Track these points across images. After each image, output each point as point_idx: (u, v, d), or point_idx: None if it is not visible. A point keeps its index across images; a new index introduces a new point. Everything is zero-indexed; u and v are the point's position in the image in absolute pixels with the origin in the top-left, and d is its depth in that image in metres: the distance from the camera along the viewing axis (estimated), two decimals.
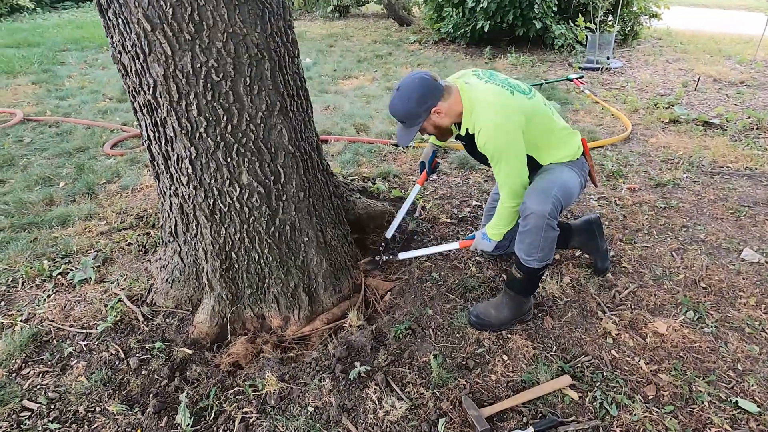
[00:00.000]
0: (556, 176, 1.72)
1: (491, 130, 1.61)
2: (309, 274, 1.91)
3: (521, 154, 1.68)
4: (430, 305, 2.00)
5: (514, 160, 1.67)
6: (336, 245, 2.04)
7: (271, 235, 1.77)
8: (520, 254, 1.73)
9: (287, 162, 1.71)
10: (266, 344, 1.87)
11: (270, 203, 1.72)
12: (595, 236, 2.16)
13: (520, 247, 1.72)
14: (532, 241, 1.67)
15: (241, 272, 1.83)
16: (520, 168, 1.70)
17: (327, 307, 2.00)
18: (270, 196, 1.71)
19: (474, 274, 2.20)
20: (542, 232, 1.65)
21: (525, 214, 1.67)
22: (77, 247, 2.42)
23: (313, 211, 1.87)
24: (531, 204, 1.65)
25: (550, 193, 1.65)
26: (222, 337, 1.88)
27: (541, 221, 1.63)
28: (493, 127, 1.61)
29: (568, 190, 1.71)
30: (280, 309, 1.91)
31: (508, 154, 1.65)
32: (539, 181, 1.73)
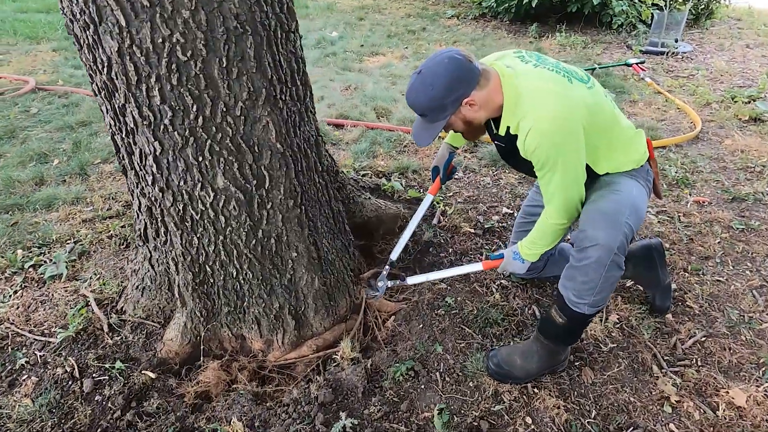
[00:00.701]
0: (624, 195, 1.38)
1: (545, 132, 1.29)
2: (297, 295, 1.67)
3: (581, 161, 1.35)
4: (440, 340, 1.73)
5: (572, 170, 1.35)
6: (333, 259, 1.79)
7: (252, 249, 1.53)
8: (568, 294, 1.42)
9: (274, 163, 1.45)
10: (243, 371, 1.66)
11: (251, 212, 1.47)
12: (654, 266, 1.81)
13: (570, 285, 1.41)
14: (589, 281, 1.36)
15: (217, 288, 1.60)
16: (578, 179, 1.38)
17: (317, 332, 1.76)
18: (251, 203, 1.46)
19: (497, 302, 1.90)
20: (604, 271, 1.33)
21: (584, 245, 1.34)
22: (57, 235, 2.27)
23: (306, 222, 1.61)
24: (596, 233, 1.31)
25: (620, 219, 1.30)
26: (194, 357, 1.68)
27: (607, 257, 1.31)
28: (547, 127, 1.28)
29: (638, 213, 1.38)
30: (261, 331, 1.69)
31: (566, 161, 1.32)
32: (602, 200, 1.38)
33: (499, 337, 1.75)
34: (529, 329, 1.79)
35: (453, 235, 2.33)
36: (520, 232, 1.91)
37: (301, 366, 1.72)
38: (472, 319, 1.82)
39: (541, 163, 1.35)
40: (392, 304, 1.95)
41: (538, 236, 1.51)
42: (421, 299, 1.91)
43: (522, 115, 1.33)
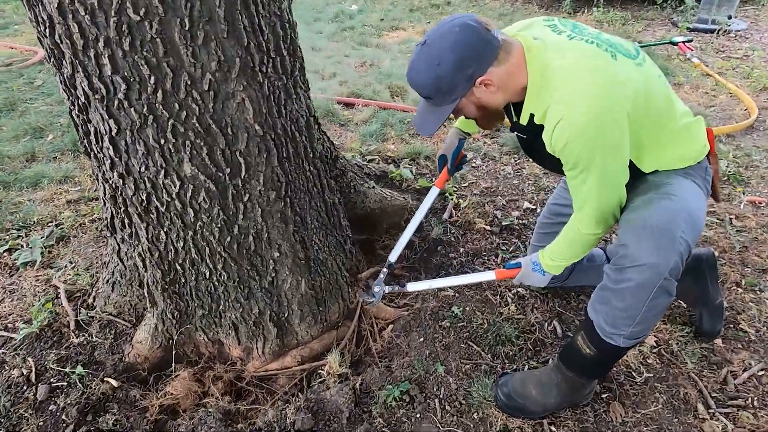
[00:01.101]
0: (678, 201, 1.10)
1: (578, 125, 1.03)
2: (279, 300, 1.47)
3: (623, 161, 1.10)
4: (442, 358, 1.51)
5: (612, 172, 1.10)
6: (325, 258, 1.58)
7: (227, 247, 1.33)
8: (599, 321, 1.18)
9: (252, 148, 1.24)
10: (217, 381, 1.48)
11: (224, 205, 1.27)
12: (704, 280, 1.54)
13: (602, 310, 1.17)
14: (627, 308, 1.11)
15: (190, 288, 1.42)
16: (619, 182, 1.13)
17: (303, 341, 1.57)
18: (224, 195, 1.26)
19: (512, 315, 1.67)
20: (649, 298, 1.08)
21: (624, 264, 1.09)
22: (39, 216, 2.13)
23: (291, 217, 1.40)
24: (641, 251, 1.06)
25: (674, 234, 1.04)
26: (167, 362, 1.52)
27: (654, 281, 1.06)
28: (582, 119, 1.02)
29: (696, 225, 1.10)
30: (239, 338, 1.51)
31: (604, 163, 1.07)
32: (650, 208, 1.11)
33: (513, 359, 1.52)
34: (548, 350, 1.56)
35: (465, 233, 2.09)
36: (543, 234, 1.67)
37: (284, 379, 1.54)
38: (481, 335, 1.59)
39: (571, 163, 1.09)
40: (391, 311, 1.74)
41: (565, 246, 1.27)
42: (425, 307, 1.70)
43: (550, 100, 1.07)
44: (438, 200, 2.26)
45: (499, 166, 2.68)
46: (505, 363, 1.51)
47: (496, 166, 2.68)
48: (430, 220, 2.12)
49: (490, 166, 2.69)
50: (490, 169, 2.65)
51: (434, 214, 2.18)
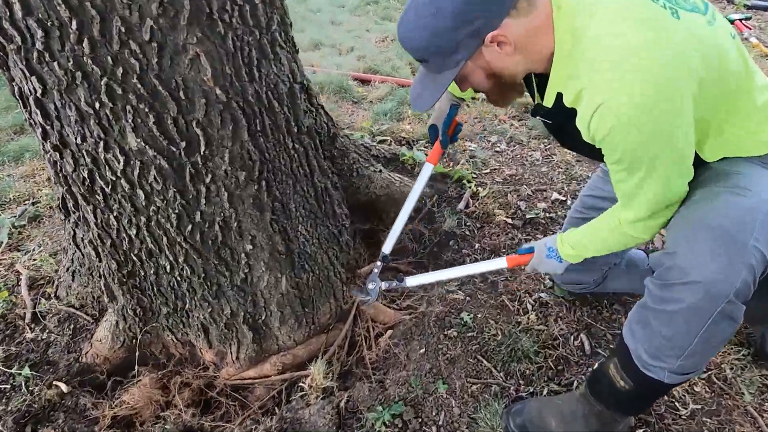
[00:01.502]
0: (754, 198, 0.82)
1: (627, 114, 0.76)
2: (255, 300, 1.26)
3: (685, 152, 0.82)
4: (445, 375, 1.27)
5: (670, 167, 0.83)
6: (313, 252, 1.36)
7: (188, 237, 1.11)
8: (637, 349, 0.91)
9: (213, 118, 1.00)
10: (184, 390, 1.29)
11: (182, 187, 1.05)
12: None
13: (642, 336, 0.90)
14: (675, 336, 0.85)
15: (150, 283, 1.22)
16: (680, 174, 0.85)
17: (286, 346, 1.36)
18: (181, 174, 1.04)
19: (532, 325, 1.41)
20: (705, 325, 0.81)
21: (673, 280, 0.82)
22: (15, 193, 1.98)
23: (267, 203, 1.17)
24: (696, 264, 0.80)
25: (746, 241, 0.78)
26: (130, 364, 1.33)
27: (713, 303, 0.79)
28: (632, 106, 0.75)
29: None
30: (210, 341, 1.30)
31: (660, 159, 0.80)
32: (713, 205, 0.84)
33: (529, 380, 1.27)
34: (573, 370, 1.30)
35: (483, 226, 1.82)
36: (575, 223, 1.39)
37: (261, 389, 1.33)
38: (493, 348, 1.34)
39: (616, 157, 0.82)
40: (391, 313, 1.50)
41: (595, 238, 1.02)
42: (430, 311, 1.45)
43: (585, 78, 0.79)
44: (454, 188, 1.99)
45: (526, 152, 2.38)
46: (520, 384, 1.26)
47: (522, 152, 2.38)
48: (443, 210, 1.85)
49: (516, 151, 2.39)
50: (515, 155, 2.36)
51: (448, 203, 1.91)
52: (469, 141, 2.43)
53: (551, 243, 1.13)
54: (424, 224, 1.85)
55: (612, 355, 1.01)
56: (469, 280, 1.56)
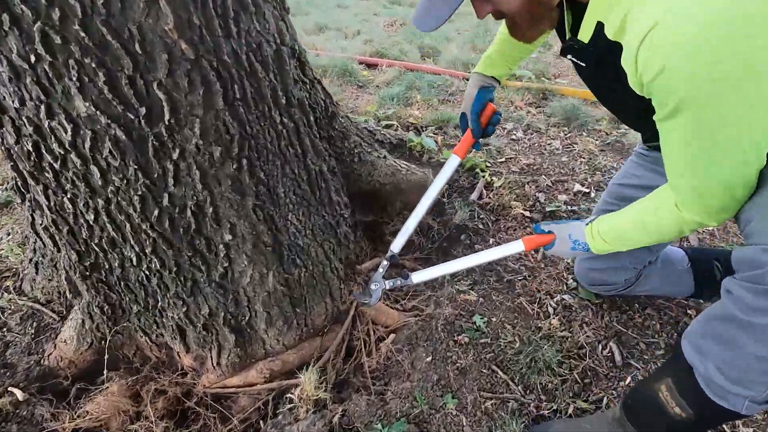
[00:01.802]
0: None
1: (688, 38, 0.56)
2: (237, 298, 1.08)
3: (758, 117, 0.61)
4: (455, 388, 1.09)
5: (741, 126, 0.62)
6: (307, 244, 1.18)
7: (155, 225, 0.94)
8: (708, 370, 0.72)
9: (179, 79, 0.82)
10: (158, 399, 1.12)
11: (145, 163, 0.87)
12: None
13: (718, 354, 0.71)
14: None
15: (117, 277, 1.05)
16: (750, 148, 0.65)
17: (274, 350, 1.18)
18: (143, 147, 0.86)
19: (554, 331, 1.22)
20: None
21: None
22: None
23: (250, 186, 0.99)
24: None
25: None
26: (100, 368, 1.17)
27: None
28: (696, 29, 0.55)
29: None
30: (187, 344, 1.13)
31: (728, 107, 0.60)
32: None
33: (552, 394, 1.08)
34: (601, 384, 1.11)
35: (498, 219, 1.63)
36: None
37: (245, 399, 1.15)
38: (511, 357, 1.15)
39: (671, 104, 0.62)
40: (395, 315, 1.32)
41: (638, 226, 0.84)
42: (438, 313, 1.27)
43: (639, 12, 0.60)
44: (466, 177, 1.80)
45: (545, 140, 2.18)
46: (541, 400, 1.07)
47: (541, 140, 2.18)
48: (454, 201, 1.66)
49: (534, 139, 2.19)
50: (533, 143, 2.15)
51: (460, 193, 1.72)
52: None
53: (577, 234, 0.94)
54: (432, 216, 1.67)
55: (663, 374, 0.81)
56: (483, 279, 1.38)
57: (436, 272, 1.11)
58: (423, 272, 1.11)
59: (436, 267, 1.11)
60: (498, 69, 1.13)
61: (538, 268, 1.44)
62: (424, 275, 1.10)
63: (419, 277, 1.11)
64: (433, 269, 1.10)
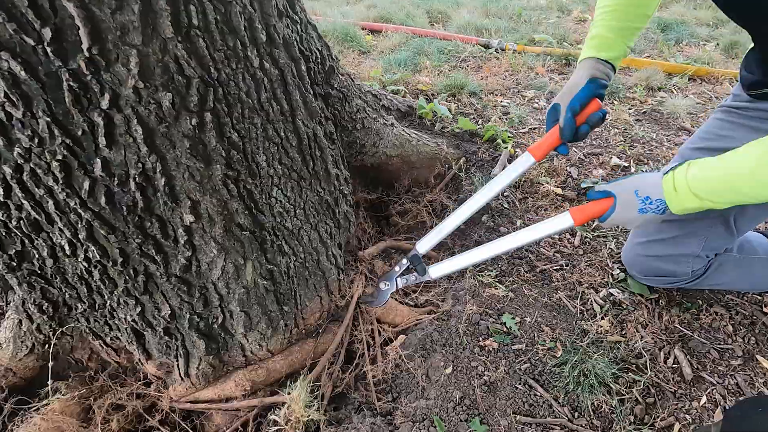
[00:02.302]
0: None
1: None
2: (206, 295, 0.83)
3: None
4: (483, 409, 0.84)
5: None
6: (298, 226, 0.92)
7: (87, 201, 0.68)
8: None
9: None
10: (114, 416, 0.88)
11: (61, 114, 0.61)
12: None
13: None
14: None
15: (51, 270, 0.79)
16: None
17: (256, 357, 0.94)
18: (54, 91, 0.59)
19: (604, 335, 0.97)
20: None
21: None
22: None
23: (216, 149, 0.73)
24: None
25: None
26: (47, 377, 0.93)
27: None
28: None
29: None
30: (148, 350, 0.89)
31: None
32: None
33: (608, 419, 0.83)
34: (670, 405, 0.86)
35: (525, 197, 1.37)
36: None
37: (221, 417, 0.92)
38: (552, 369, 0.90)
39: None
40: (405, 311, 1.07)
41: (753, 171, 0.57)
42: (458, 311, 1.02)
43: None
44: (486, 148, 1.53)
45: None
46: (594, 427, 0.83)
47: None
48: (473, 176, 1.40)
49: None
50: None
51: (479, 167, 1.45)
52: (500, 95, 1.95)
53: (648, 189, 0.72)
54: (447, 194, 1.40)
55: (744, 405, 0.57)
56: (511, 269, 1.12)
57: (460, 263, 0.86)
58: (443, 264, 0.85)
59: (460, 256, 0.86)
60: (615, 49, 0.87)
61: (576, 255, 1.19)
62: (444, 268, 0.85)
63: (439, 271, 0.86)
64: (455, 260, 0.85)
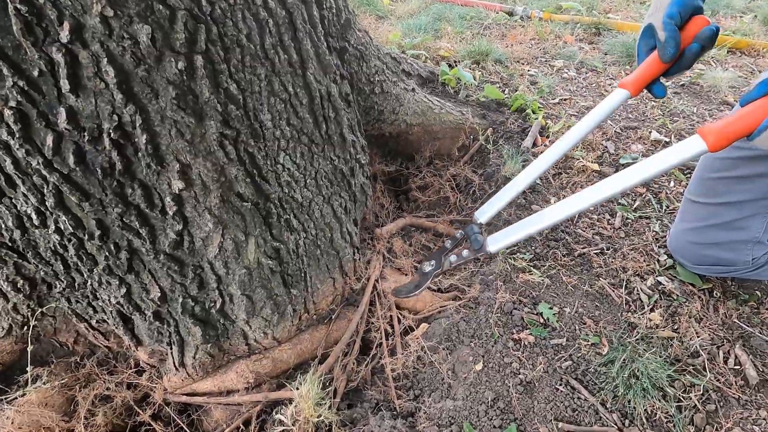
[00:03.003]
0: None
1: None
2: (202, 276, 0.70)
3: None
4: (520, 413, 0.71)
5: None
6: (309, 198, 0.78)
7: (52, 161, 0.54)
8: None
9: None
10: (100, 408, 0.77)
11: (11, 50, 0.46)
12: None
13: None
14: None
15: (18, 243, 0.66)
16: None
17: (260, 346, 0.81)
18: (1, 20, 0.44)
19: (655, 330, 0.83)
20: None
21: None
22: None
23: (211, 103, 0.58)
24: None
25: None
26: (27, 362, 0.81)
27: None
28: None
29: None
30: (137, 336, 0.77)
31: None
32: None
33: (665, 428, 0.70)
34: (734, 414, 0.72)
35: (560, 172, 1.21)
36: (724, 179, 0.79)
37: (220, 412, 0.80)
38: (597, 368, 0.77)
39: None
40: (427, 297, 0.94)
41: None
42: (488, 298, 0.88)
43: None
44: (515, 119, 1.36)
45: (603, 80, 1.71)
46: None
47: (598, 80, 1.71)
48: (501, 148, 1.23)
49: (590, 78, 1.72)
50: (589, 83, 1.69)
51: (508, 139, 1.29)
52: (527, 64, 1.76)
53: None
54: (472, 168, 1.25)
55: None
56: (546, 252, 0.97)
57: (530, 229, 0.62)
58: (508, 232, 0.65)
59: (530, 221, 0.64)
60: None
61: (618, 237, 1.03)
62: (508, 236, 0.64)
63: (500, 241, 0.65)
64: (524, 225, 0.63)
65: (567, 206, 0.61)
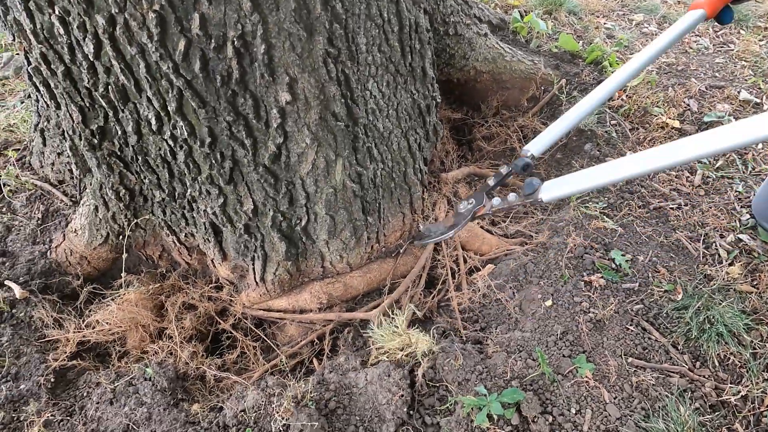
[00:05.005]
0: None
1: None
2: (292, 191, 0.79)
3: None
4: (589, 347, 0.78)
5: None
6: (389, 129, 0.86)
7: (180, 66, 0.64)
8: None
9: None
10: (187, 316, 0.89)
11: None
12: None
13: None
14: None
15: (133, 150, 0.77)
16: None
17: (334, 269, 0.91)
18: None
19: (732, 282, 0.87)
20: None
21: None
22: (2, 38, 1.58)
23: (321, 22, 0.66)
24: None
25: None
26: (119, 270, 0.95)
27: None
28: None
29: None
30: (224, 250, 0.88)
31: None
32: None
33: (737, 373, 0.76)
34: None
35: (636, 127, 1.23)
36: None
37: (294, 328, 0.91)
38: (670, 313, 0.83)
39: None
40: (493, 240, 1.01)
41: None
42: (558, 243, 0.94)
43: None
44: (590, 71, 1.38)
45: (688, 36, 1.68)
46: (721, 380, 0.75)
47: (686, 36, 1.67)
48: (574, 101, 1.26)
49: None
50: None
51: (582, 91, 1.31)
52: (603, 17, 1.75)
53: None
54: (541, 120, 1.29)
55: None
56: (621, 203, 1.02)
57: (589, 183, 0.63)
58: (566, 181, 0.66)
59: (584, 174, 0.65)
60: None
61: (697, 195, 1.07)
62: (567, 187, 0.66)
63: (557, 191, 0.65)
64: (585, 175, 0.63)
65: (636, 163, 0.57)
